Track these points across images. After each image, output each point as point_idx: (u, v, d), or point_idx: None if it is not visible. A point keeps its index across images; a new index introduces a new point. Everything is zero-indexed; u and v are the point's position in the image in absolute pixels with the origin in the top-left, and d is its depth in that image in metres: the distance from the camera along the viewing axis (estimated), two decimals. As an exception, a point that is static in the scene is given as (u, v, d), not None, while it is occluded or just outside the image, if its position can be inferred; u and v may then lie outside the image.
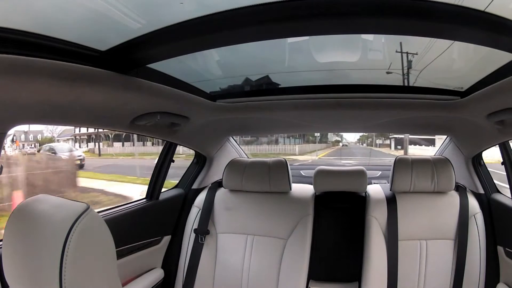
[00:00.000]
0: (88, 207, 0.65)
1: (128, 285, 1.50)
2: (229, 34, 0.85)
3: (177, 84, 1.15)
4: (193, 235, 1.70)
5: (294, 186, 1.76)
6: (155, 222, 1.69)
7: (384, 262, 1.51)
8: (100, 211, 1.46)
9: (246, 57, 1.16)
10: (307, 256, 1.59)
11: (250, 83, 1.34)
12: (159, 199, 1.73)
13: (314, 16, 0.75)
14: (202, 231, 1.69)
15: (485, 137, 1.47)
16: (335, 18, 0.76)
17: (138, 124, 1.25)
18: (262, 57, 1.17)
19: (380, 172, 2.33)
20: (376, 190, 1.72)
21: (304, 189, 1.78)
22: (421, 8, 0.73)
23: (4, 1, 0.70)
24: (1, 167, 1.11)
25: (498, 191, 1.67)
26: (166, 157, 1.74)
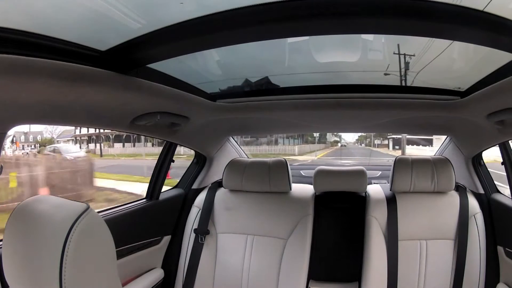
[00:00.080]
0: (88, 207, 0.65)
1: (128, 285, 1.50)
2: (229, 34, 0.85)
3: (177, 84, 1.15)
4: (193, 235, 1.70)
5: (294, 186, 1.76)
6: (155, 222, 1.69)
7: (384, 262, 1.51)
8: (100, 211, 1.46)
9: (246, 57, 1.16)
10: (307, 256, 1.59)
11: (250, 83, 1.34)
12: (159, 199, 1.73)
13: (314, 16, 0.75)
14: (202, 231, 1.69)
15: (485, 137, 1.47)
16: (335, 18, 0.76)
17: (138, 124, 1.25)
18: (262, 57, 1.17)
19: (380, 172, 2.33)
20: (376, 190, 1.72)
21: (304, 189, 1.78)
22: (421, 8, 0.73)
23: (4, 1, 0.70)
24: (1, 167, 1.11)
25: (498, 191, 1.67)
26: (166, 157, 1.74)
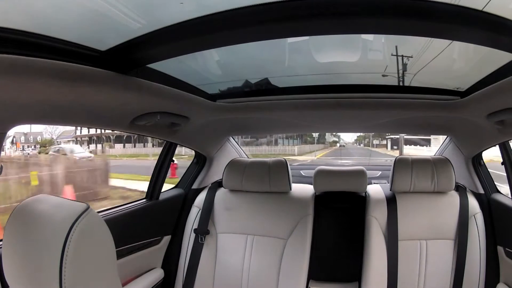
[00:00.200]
0: (88, 207, 0.65)
1: (128, 285, 1.50)
2: (229, 34, 0.85)
3: (177, 84, 1.15)
4: (193, 235, 1.70)
5: (294, 186, 1.76)
6: (155, 222, 1.69)
7: (384, 262, 1.51)
8: (100, 211, 1.46)
9: (246, 57, 1.16)
10: (307, 256, 1.59)
11: (250, 84, 1.34)
12: (159, 199, 1.73)
13: (314, 16, 0.75)
14: (202, 231, 1.69)
15: (485, 137, 1.47)
16: (335, 18, 0.76)
17: (138, 124, 1.25)
18: (262, 57, 1.17)
19: (380, 172, 2.33)
20: (376, 190, 1.72)
21: (304, 189, 1.78)
22: (421, 8, 0.73)
23: (4, 1, 0.70)
24: (1, 167, 1.10)
25: (498, 191, 1.67)
26: (166, 157, 1.74)
